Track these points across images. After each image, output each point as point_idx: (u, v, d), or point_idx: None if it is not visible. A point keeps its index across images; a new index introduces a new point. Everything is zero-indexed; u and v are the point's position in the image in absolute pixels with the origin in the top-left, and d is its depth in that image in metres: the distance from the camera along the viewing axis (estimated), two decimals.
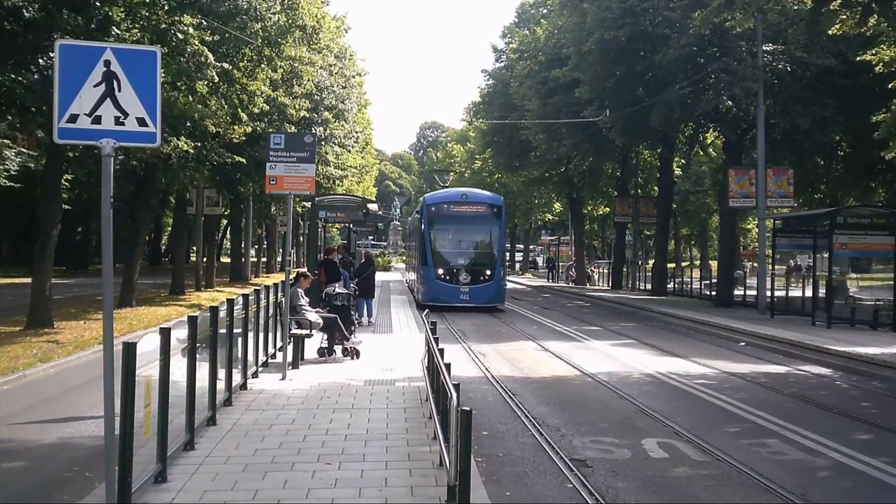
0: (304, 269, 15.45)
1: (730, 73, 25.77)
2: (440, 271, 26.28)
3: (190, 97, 17.68)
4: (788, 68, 27.18)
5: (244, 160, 25.34)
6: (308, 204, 27.58)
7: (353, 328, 14.81)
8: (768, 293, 25.33)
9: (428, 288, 26.56)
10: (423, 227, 27.41)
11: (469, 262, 26.53)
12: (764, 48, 26.69)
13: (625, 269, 42.13)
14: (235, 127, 20.94)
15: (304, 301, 13.47)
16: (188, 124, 19.74)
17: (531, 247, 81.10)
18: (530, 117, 39.37)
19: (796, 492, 7.10)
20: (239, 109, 20.23)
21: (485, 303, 26.07)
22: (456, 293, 25.96)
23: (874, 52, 19.37)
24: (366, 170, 60.28)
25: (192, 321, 7.61)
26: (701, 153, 38.49)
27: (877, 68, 19.75)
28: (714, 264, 41.30)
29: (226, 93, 19.51)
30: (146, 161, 21.32)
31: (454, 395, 5.70)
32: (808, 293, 23.29)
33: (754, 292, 28.09)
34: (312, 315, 13.46)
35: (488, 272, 26.40)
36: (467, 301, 25.79)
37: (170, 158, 20.72)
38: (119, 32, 14.95)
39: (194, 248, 41.01)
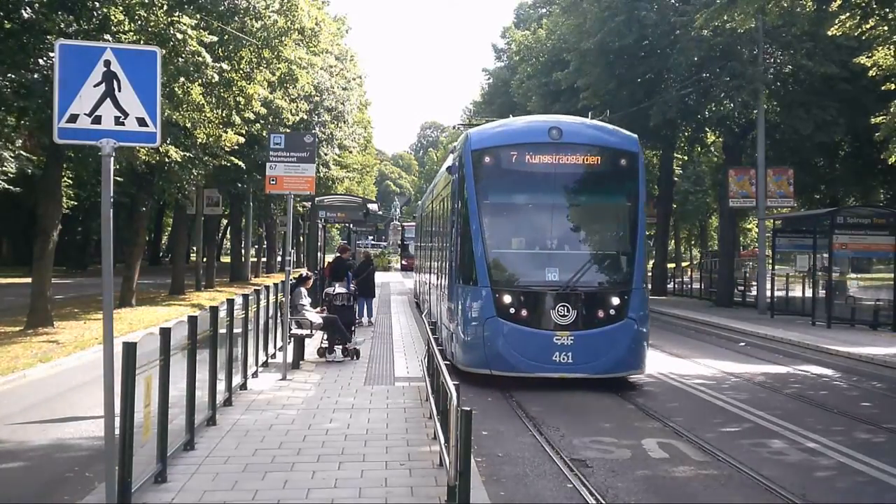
0: (307, 271, 15.53)
1: (735, 77, 25.80)
2: (506, 300, 12.02)
3: (183, 106, 17.64)
4: (789, 69, 27.21)
5: (242, 163, 25.35)
6: (308, 204, 27.59)
7: (353, 328, 14.81)
8: (768, 293, 25.34)
9: (478, 336, 12.18)
10: (462, 199, 12.86)
11: (570, 279, 12.11)
12: (767, 51, 26.76)
13: None
14: (227, 133, 20.83)
15: (306, 301, 13.51)
16: (181, 132, 19.75)
17: None
18: None
19: (796, 492, 7.09)
20: (234, 112, 20.19)
21: (608, 371, 12.09)
22: (544, 349, 11.85)
23: (869, 55, 19.39)
24: (366, 170, 60.29)
25: (192, 321, 7.62)
26: (700, 152, 38.52)
27: (870, 72, 19.79)
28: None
29: (221, 95, 19.48)
30: (142, 166, 21.27)
31: (454, 394, 5.71)
32: (809, 293, 23.32)
33: (754, 292, 28.12)
34: (313, 315, 13.47)
35: (615, 300, 12.19)
36: (570, 367, 11.85)
37: (165, 164, 20.72)
38: (112, 36, 14.95)
39: (194, 248, 41.03)
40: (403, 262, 56.63)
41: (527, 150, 12.71)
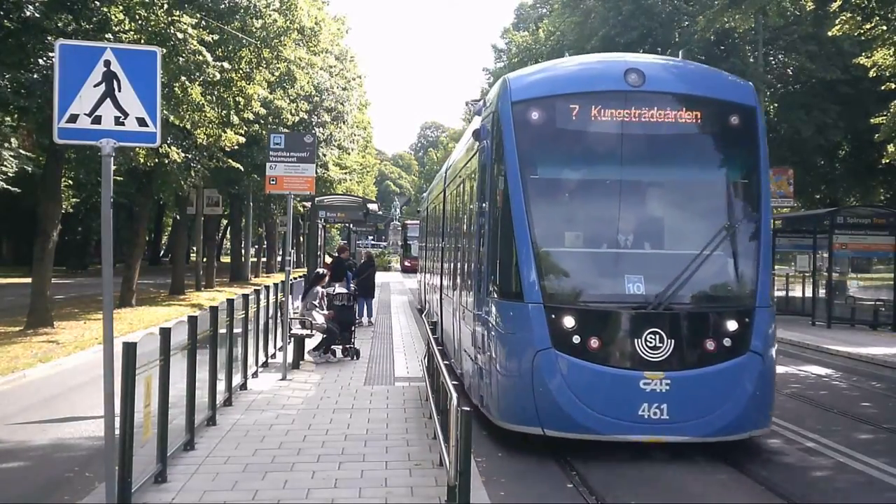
0: (323, 269, 15.61)
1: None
2: (567, 323, 8.14)
3: (183, 106, 17.64)
4: (790, 71, 27.29)
5: (240, 166, 25.42)
6: (308, 204, 27.58)
7: (353, 328, 14.81)
8: None
9: (524, 378, 8.22)
10: (497, 175, 8.94)
11: (663, 293, 8.24)
12: (770, 53, 26.86)
13: None
14: (227, 132, 20.79)
15: (318, 303, 13.54)
16: (181, 133, 19.77)
17: None
18: None
19: (796, 491, 7.09)
20: (232, 113, 20.20)
21: (721, 431, 8.05)
22: (626, 399, 7.97)
23: (869, 55, 19.43)
24: (366, 170, 60.23)
25: (192, 321, 7.63)
26: None
27: (870, 72, 19.83)
28: None
29: (221, 94, 19.50)
30: (141, 166, 21.30)
31: (454, 395, 5.71)
32: (809, 293, 23.34)
33: None
34: (320, 317, 13.47)
35: (731, 324, 8.28)
36: (666, 426, 7.93)
37: (164, 165, 20.76)
38: (112, 36, 14.96)
39: (194, 248, 41.07)
40: (406, 264, 52.84)
41: (593, 101, 8.68)
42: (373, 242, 62.49)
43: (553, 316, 8.09)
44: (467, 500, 5.07)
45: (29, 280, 19.05)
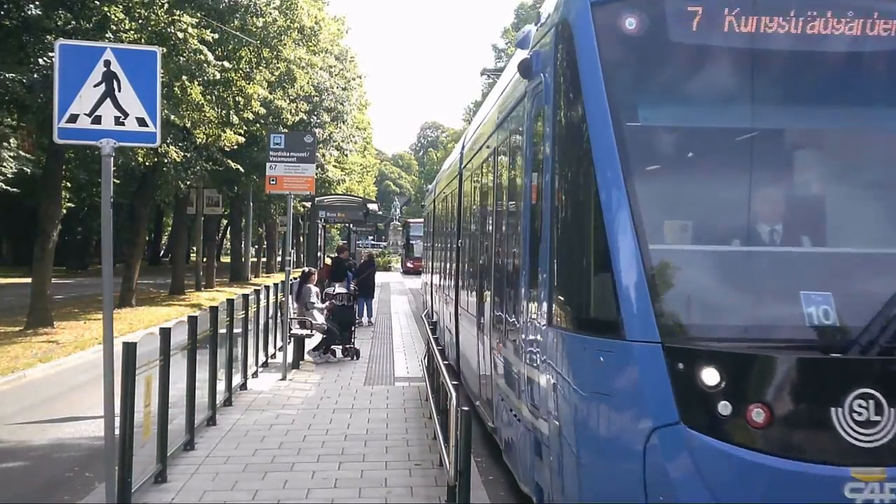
0: (309, 268, 15.55)
1: None
2: (707, 379, 4.20)
3: (182, 105, 17.65)
4: None
5: (240, 167, 25.44)
6: (308, 204, 27.60)
7: (353, 328, 14.81)
8: None
9: (630, 475, 4.24)
10: (565, 125, 4.99)
11: (874, 328, 4.24)
12: None
13: None
14: (227, 132, 20.77)
15: (316, 300, 13.52)
16: (180, 133, 19.77)
17: None
18: None
19: None
20: (232, 112, 20.20)
21: None
22: None
23: None
24: (366, 170, 60.19)
25: (192, 321, 7.63)
26: None
27: None
28: None
29: (221, 94, 19.50)
30: (139, 166, 21.30)
31: (454, 394, 5.70)
32: None
33: None
34: (320, 316, 13.47)
35: None
36: None
37: (163, 165, 20.78)
38: (111, 36, 14.96)
39: (194, 249, 41.07)
40: (409, 265, 49.79)
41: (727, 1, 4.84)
42: (373, 242, 62.20)
43: (681, 365, 4.35)
44: (467, 500, 5.07)
45: (29, 280, 19.05)
